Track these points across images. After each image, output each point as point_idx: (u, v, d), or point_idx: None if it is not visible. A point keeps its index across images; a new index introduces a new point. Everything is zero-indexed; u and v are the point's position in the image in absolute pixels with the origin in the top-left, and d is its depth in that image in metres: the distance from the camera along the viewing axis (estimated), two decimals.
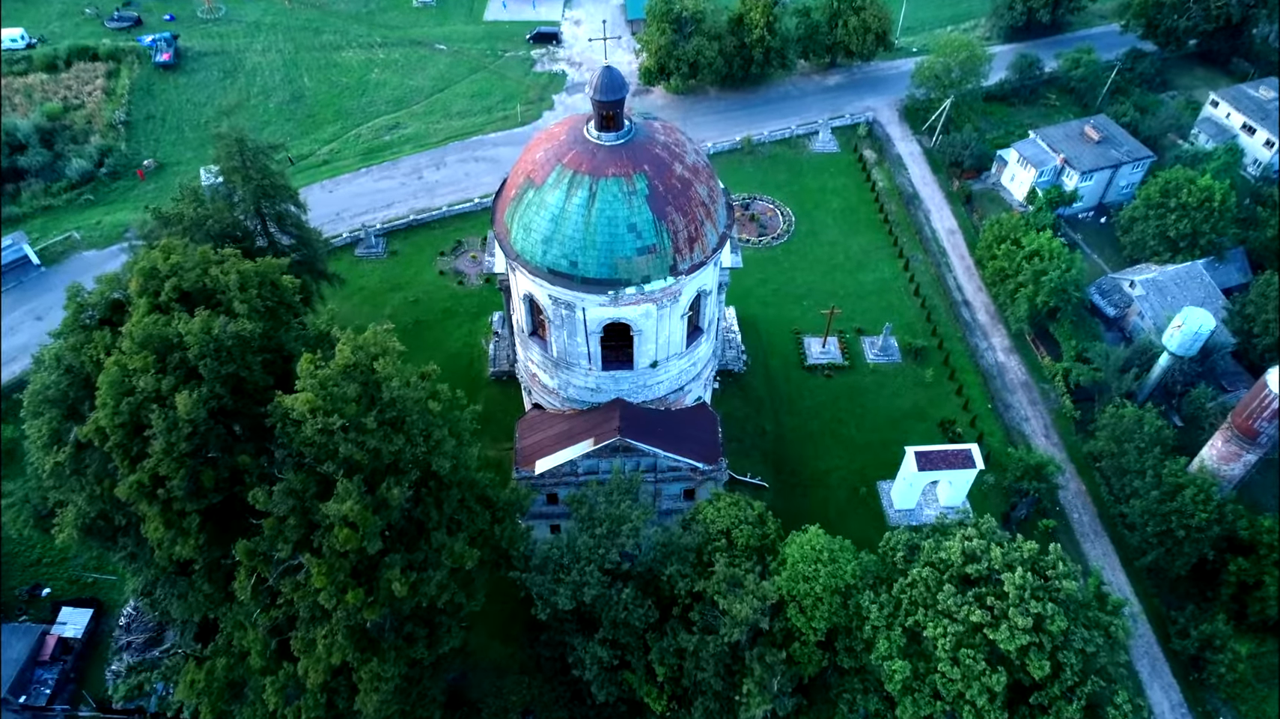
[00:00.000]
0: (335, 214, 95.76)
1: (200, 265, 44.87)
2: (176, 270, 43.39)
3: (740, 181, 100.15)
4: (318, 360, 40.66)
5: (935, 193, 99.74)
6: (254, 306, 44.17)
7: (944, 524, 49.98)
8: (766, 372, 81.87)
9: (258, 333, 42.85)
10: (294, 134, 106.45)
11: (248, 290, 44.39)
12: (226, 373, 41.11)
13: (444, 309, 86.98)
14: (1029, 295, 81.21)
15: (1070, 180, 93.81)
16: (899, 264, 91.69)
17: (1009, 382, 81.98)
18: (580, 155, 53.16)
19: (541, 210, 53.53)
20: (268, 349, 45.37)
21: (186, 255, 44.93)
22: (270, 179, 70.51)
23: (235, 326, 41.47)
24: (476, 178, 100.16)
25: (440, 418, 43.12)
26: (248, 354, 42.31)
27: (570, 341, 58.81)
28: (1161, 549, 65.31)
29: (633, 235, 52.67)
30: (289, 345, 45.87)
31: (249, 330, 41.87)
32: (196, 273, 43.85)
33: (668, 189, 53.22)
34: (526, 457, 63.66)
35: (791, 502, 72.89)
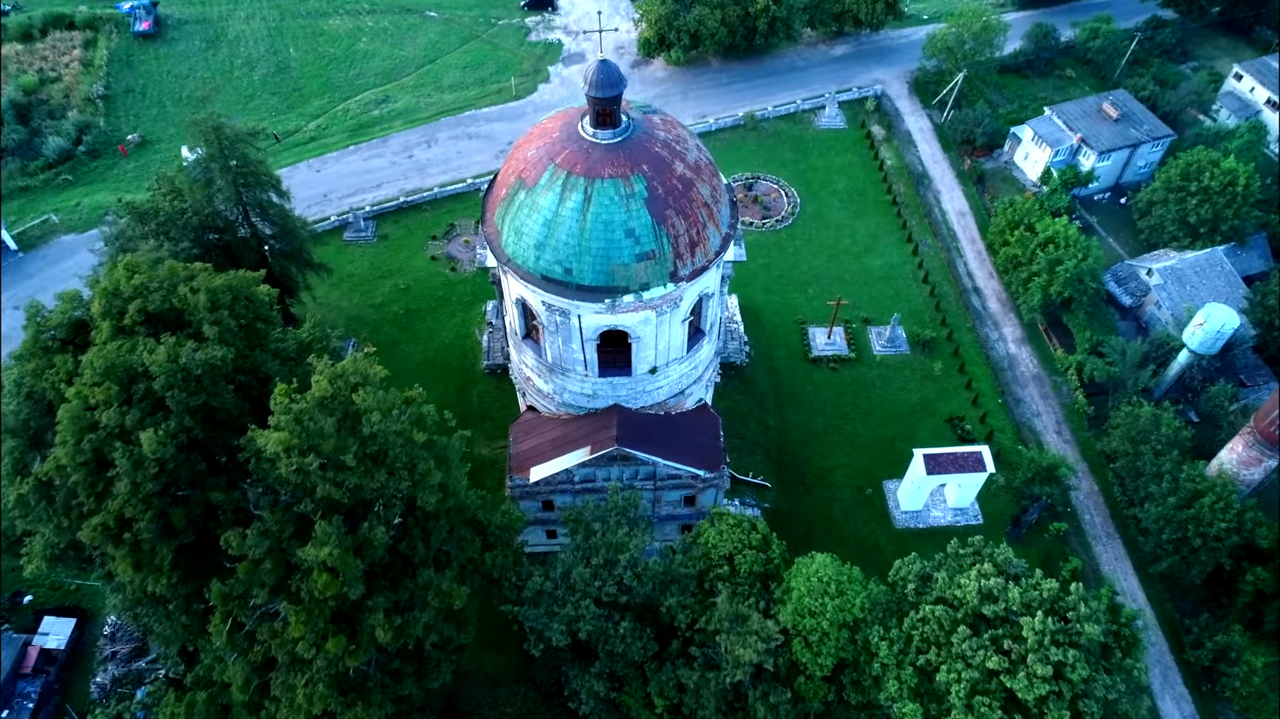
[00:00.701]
0: (323, 195, 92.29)
1: (167, 285, 41.90)
2: (141, 292, 40.44)
3: (743, 160, 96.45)
4: (293, 392, 37.95)
5: (945, 172, 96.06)
6: (225, 328, 41.36)
7: (958, 555, 47.63)
8: (770, 364, 79.19)
9: (229, 358, 40.12)
10: (279, 108, 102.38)
11: (219, 310, 41.51)
12: (196, 404, 38.47)
13: (436, 297, 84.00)
14: (1042, 285, 78.22)
15: (1087, 160, 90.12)
16: (907, 249, 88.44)
17: (1020, 374, 79.33)
18: (574, 154, 49.86)
19: (534, 214, 50.40)
20: (243, 370, 42.67)
21: (152, 274, 41.91)
22: (250, 167, 67.15)
23: (204, 354, 38.72)
24: (469, 156, 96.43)
25: (425, 449, 40.48)
26: (219, 382, 39.59)
27: (565, 348, 56.09)
28: (1177, 557, 63.29)
29: (630, 241, 49.62)
30: (265, 366, 43.12)
31: (219, 357, 39.11)
32: (162, 294, 40.91)
33: (668, 190, 50.02)
34: (521, 463, 61.30)
35: (795, 502, 70.84)
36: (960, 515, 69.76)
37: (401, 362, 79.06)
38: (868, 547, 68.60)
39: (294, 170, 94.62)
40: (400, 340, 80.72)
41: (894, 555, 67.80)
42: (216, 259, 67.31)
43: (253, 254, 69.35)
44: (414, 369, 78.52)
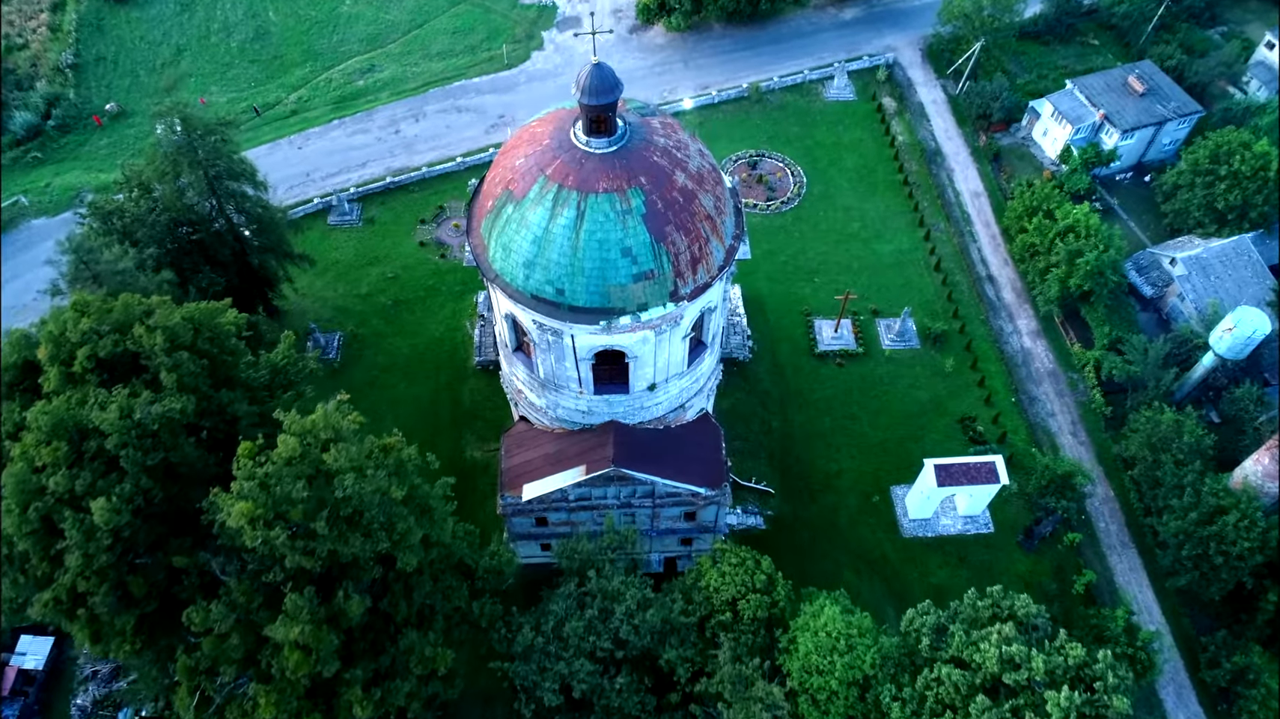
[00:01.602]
0: (305, 175, 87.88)
1: (120, 325, 38.31)
2: (90, 337, 36.92)
3: (747, 135, 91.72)
4: (258, 451, 34.73)
5: (960, 148, 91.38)
6: (185, 371, 37.94)
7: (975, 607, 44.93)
8: (774, 359, 75.88)
9: (190, 407, 36.82)
10: (258, 78, 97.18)
11: (178, 351, 38.03)
12: (154, 462, 35.33)
13: (425, 286, 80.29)
14: (1061, 277, 74.44)
15: (1110, 138, 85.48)
16: (919, 233, 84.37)
17: (1035, 370, 76.04)
18: (566, 165, 45.84)
19: (522, 230, 46.58)
20: (208, 413, 39.42)
21: (104, 314, 38.25)
22: (223, 159, 62.95)
23: (161, 407, 35.45)
24: (459, 131, 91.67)
25: (406, 503, 37.46)
26: (179, 435, 36.38)
27: (558, 365, 52.75)
28: (1196, 573, 60.86)
29: (627, 260, 45.90)
30: (233, 407, 39.84)
31: (178, 409, 35.81)
32: (114, 339, 37.38)
33: (668, 204, 46.12)
34: (513, 478, 58.36)
35: (799, 508, 68.27)
36: (971, 524, 67.24)
37: (389, 356, 75.93)
38: (874, 556, 66.25)
39: (274, 147, 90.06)
40: (387, 333, 77.32)
41: (901, 565, 66.21)
42: (190, 258, 63.80)
43: (228, 250, 65.65)
44: (402, 364, 75.41)
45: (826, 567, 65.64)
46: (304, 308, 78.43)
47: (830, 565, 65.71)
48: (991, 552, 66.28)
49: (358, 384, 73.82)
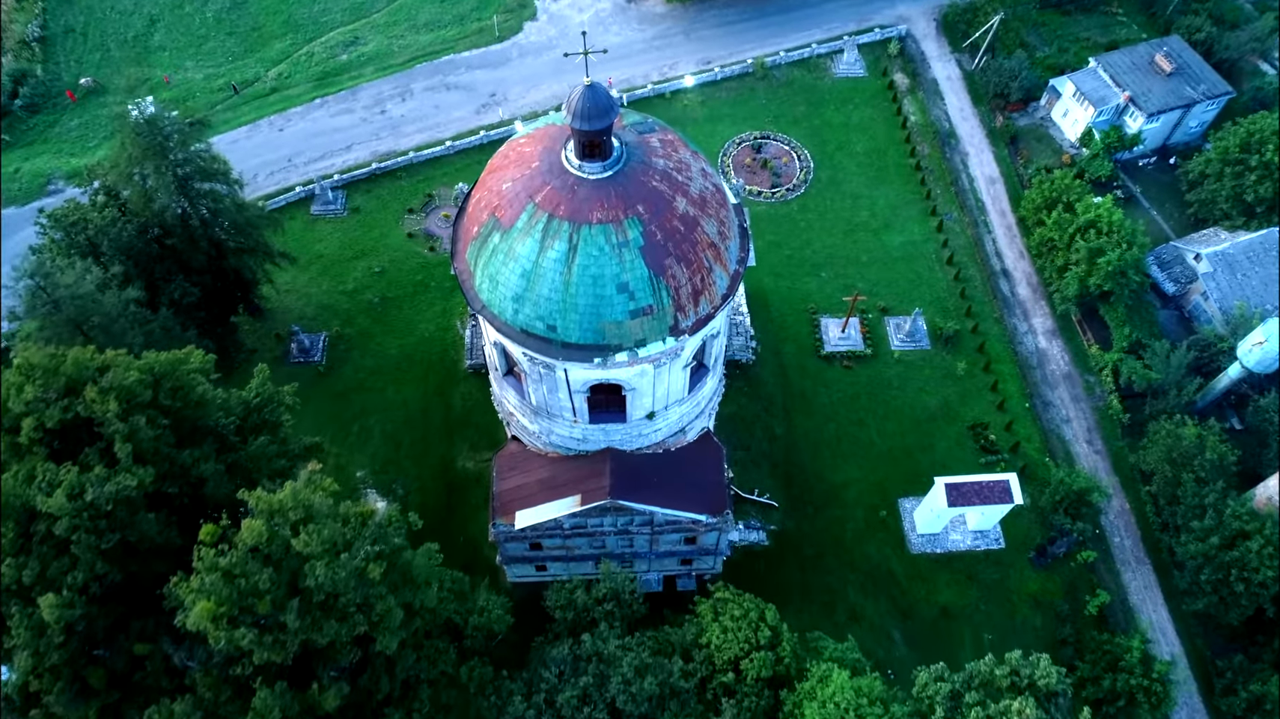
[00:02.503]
0: (286, 160, 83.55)
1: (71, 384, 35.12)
2: (35, 407, 33.76)
3: (751, 115, 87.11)
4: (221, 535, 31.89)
5: (975, 130, 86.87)
6: (143, 438, 34.87)
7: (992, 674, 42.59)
8: (778, 361, 72.77)
9: (149, 479, 33.88)
10: (236, 52, 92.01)
11: (134, 418, 34.88)
12: (110, 544, 32.54)
13: (414, 282, 76.69)
14: (1080, 275, 70.93)
15: (1134, 122, 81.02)
16: (931, 223, 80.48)
17: (1050, 373, 72.98)
18: (557, 193, 42.16)
19: (510, 262, 43.10)
20: (170, 475, 36.51)
21: (51, 378, 34.94)
22: (195, 163, 59.02)
23: (115, 485, 32.52)
24: (448, 111, 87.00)
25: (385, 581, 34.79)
26: (137, 512, 33.54)
27: (551, 395, 49.71)
28: (1214, 597, 58.74)
29: (624, 296, 42.55)
30: (198, 468, 36.91)
31: (133, 486, 32.87)
32: (62, 407, 34.20)
33: (668, 235, 42.57)
34: (505, 503, 55.71)
35: (803, 522, 65.91)
36: (981, 539, 64.94)
37: (377, 358, 72.78)
38: (880, 573, 64.10)
39: (254, 129, 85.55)
40: (375, 333, 74.02)
41: (908, 582, 64.08)
42: (161, 265, 60.34)
43: (202, 255, 61.98)
44: (391, 367, 72.35)
45: (831, 583, 63.62)
46: (288, 305, 74.98)
47: (835, 583, 63.64)
48: (1002, 569, 64.12)
49: (344, 388, 71.07)
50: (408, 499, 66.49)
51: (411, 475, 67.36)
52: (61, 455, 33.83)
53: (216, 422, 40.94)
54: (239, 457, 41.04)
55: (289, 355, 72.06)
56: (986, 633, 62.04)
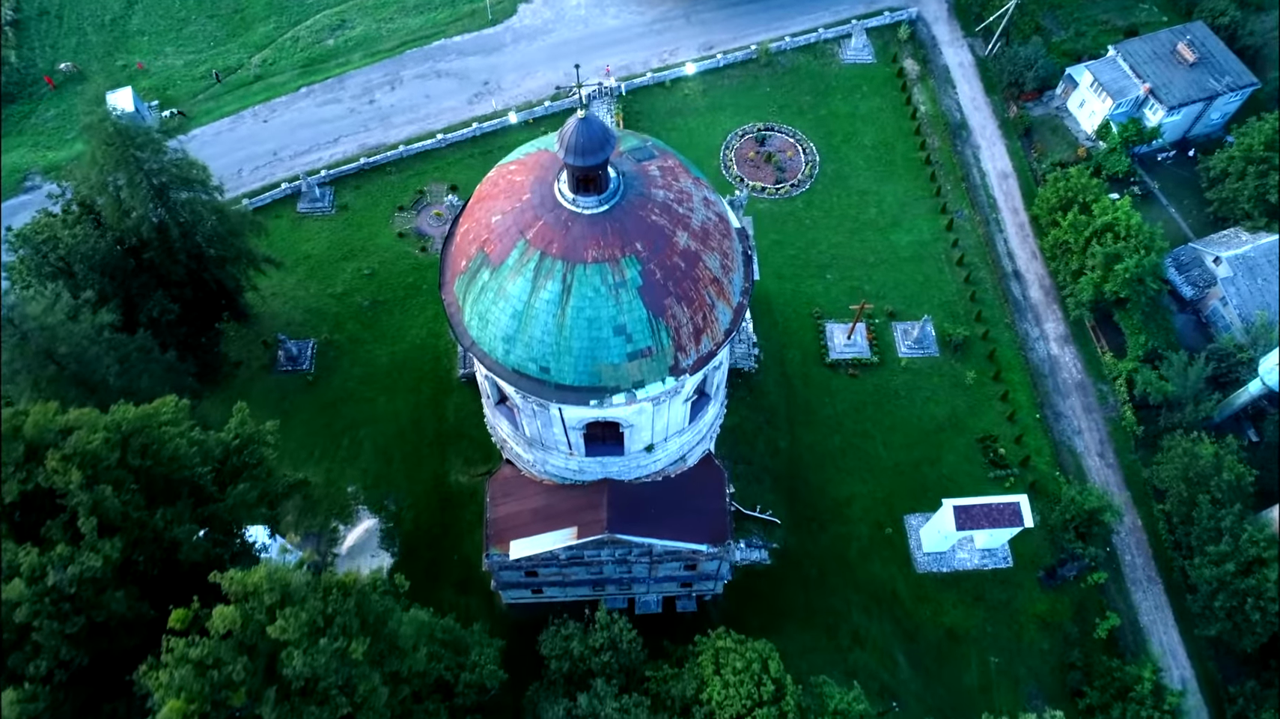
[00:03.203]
0: (272, 154, 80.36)
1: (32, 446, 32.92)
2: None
3: (755, 105, 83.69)
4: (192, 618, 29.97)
5: (988, 120, 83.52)
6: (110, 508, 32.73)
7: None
8: (782, 369, 70.51)
9: (116, 553, 31.85)
10: (218, 36, 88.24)
11: (99, 488, 32.70)
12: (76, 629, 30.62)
13: (405, 285, 74.10)
14: (1095, 281, 68.36)
15: (1154, 115, 77.66)
16: (940, 221, 77.56)
17: (1061, 382, 70.73)
18: (550, 228, 39.54)
19: (500, 301, 40.63)
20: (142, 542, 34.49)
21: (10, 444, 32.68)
22: (171, 170, 56.15)
23: (78, 567, 30.47)
24: (439, 100, 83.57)
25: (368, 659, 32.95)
26: (105, 591, 31.57)
27: (545, 430, 47.58)
28: (1228, 624, 57.20)
29: (621, 339, 40.16)
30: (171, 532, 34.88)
31: (98, 567, 30.84)
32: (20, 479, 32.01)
33: (668, 273, 40.04)
34: (499, 531, 53.85)
35: (807, 540, 64.24)
36: (989, 558, 63.29)
37: (367, 366, 70.53)
38: (885, 593, 62.59)
39: (238, 121, 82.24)
40: (365, 339, 71.63)
41: (914, 603, 62.57)
42: (138, 280, 57.81)
43: (181, 268, 59.33)
44: (381, 375, 70.12)
45: (835, 604, 62.12)
46: (275, 310, 72.51)
47: (838, 604, 62.13)
48: (1009, 589, 62.57)
49: (334, 398, 68.98)
50: (400, 515, 64.91)
51: (404, 491, 65.53)
52: (21, 529, 31.80)
53: (193, 472, 38.80)
54: (218, 508, 39.02)
55: (276, 364, 69.79)
56: (993, 655, 60.71)
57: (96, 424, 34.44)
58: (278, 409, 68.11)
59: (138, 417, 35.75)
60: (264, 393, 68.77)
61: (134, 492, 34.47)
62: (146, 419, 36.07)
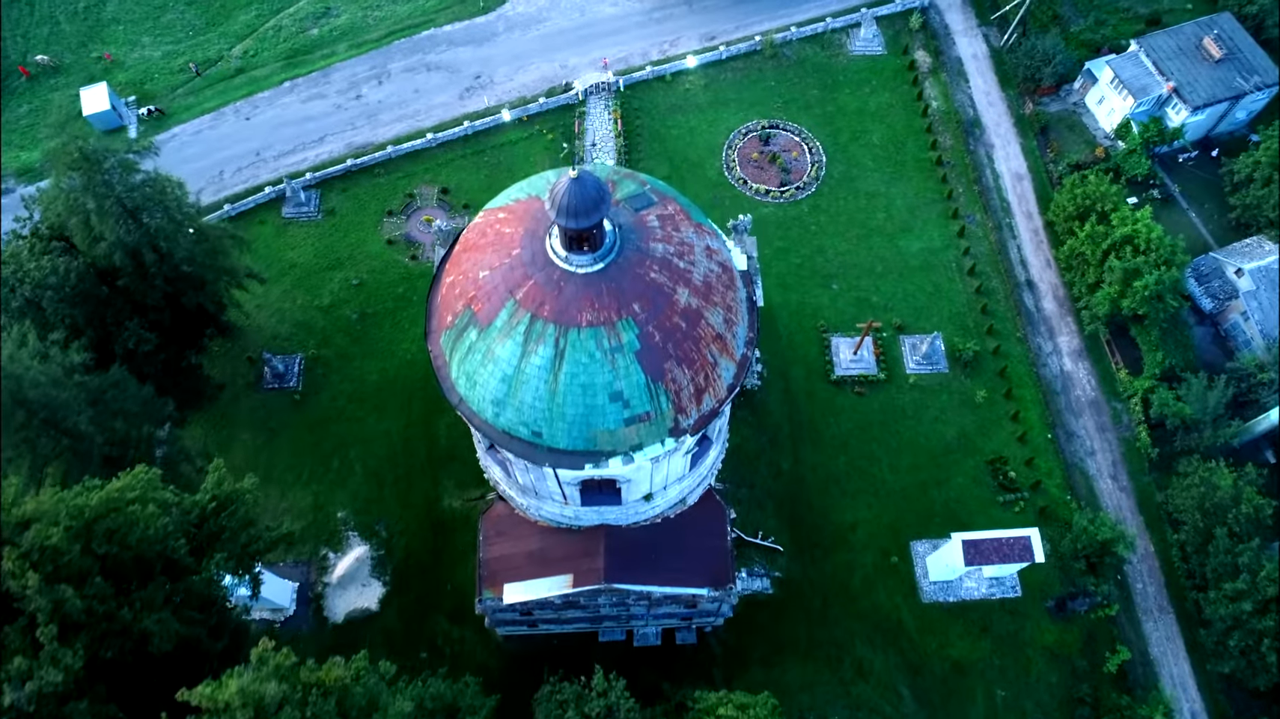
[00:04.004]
0: (255, 154, 76.99)
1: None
2: None
3: (759, 100, 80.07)
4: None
5: (1002, 117, 79.98)
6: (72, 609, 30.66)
7: None
8: (785, 386, 68.18)
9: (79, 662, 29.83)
10: (196, 25, 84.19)
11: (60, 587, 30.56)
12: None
13: (395, 296, 71.36)
14: (1112, 295, 65.71)
15: (1177, 115, 74.18)
16: (951, 227, 74.53)
17: (1074, 400, 68.42)
18: (540, 289, 36.89)
19: (489, 363, 38.14)
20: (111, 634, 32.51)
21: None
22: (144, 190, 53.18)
23: (37, 682, 28.50)
24: (429, 96, 79.93)
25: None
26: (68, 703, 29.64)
27: (540, 482, 45.43)
28: (1243, 661, 55.75)
29: (617, 405, 37.75)
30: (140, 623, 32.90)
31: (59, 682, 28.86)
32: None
33: (668, 334, 37.48)
34: (492, 572, 52.03)
35: (809, 568, 62.58)
36: (997, 587, 61.65)
37: (356, 383, 68.21)
38: (890, 624, 61.07)
39: (219, 118, 78.70)
40: (354, 355, 69.14)
41: (919, 634, 61.08)
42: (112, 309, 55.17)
43: (158, 293, 56.52)
44: (371, 393, 67.83)
45: (838, 636, 60.66)
46: (260, 323, 69.91)
47: (841, 635, 60.67)
48: (1017, 619, 61.03)
49: (322, 417, 66.81)
50: (391, 542, 63.16)
51: (395, 516, 63.72)
52: None
53: (165, 545, 36.70)
54: (194, 582, 37.02)
55: (262, 381, 67.45)
56: (1000, 689, 59.38)
57: (57, 515, 32.15)
58: (264, 428, 66.30)
59: (102, 502, 33.47)
60: (250, 412, 66.63)
61: (100, 583, 32.43)
62: (112, 502, 33.83)
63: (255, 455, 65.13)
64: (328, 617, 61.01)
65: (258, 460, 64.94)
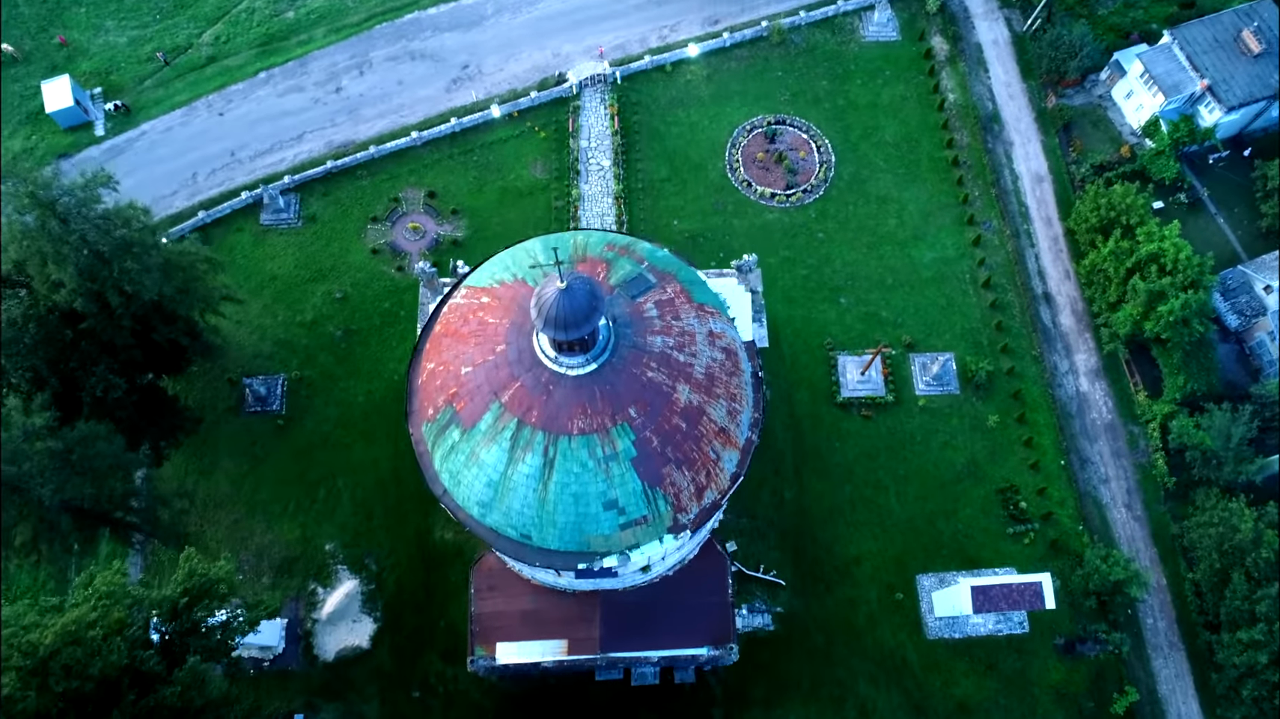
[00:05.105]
0: (230, 154, 72.58)
1: None
2: None
3: (765, 93, 75.24)
4: None
5: (1022, 111, 75.31)
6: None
7: None
8: (790, 411, 65.48)
9: None
10: (164, 8, 78.51)
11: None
12: None
13: (381, 311, 68.00)
14: (1134, 316, 62.53)
15: (1210, 114, 69.68)
16: (967, 235, 70.70)
17: (1090, 423, 65.79)
18: (528, 393, 33.94)
19: (473, 466, 35.45)
20: None
21: None
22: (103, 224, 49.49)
23: None
24: (413, 89, 75.05)
25: None
26: None
27: None
28: (1254, 709, 54.47)
29: (612, 512, 35.23)
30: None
31: None
32: None
33: (667, 437, 34.69)
34: (484, 628, 50.43)
35: (812, 604, 60.90)
36: (1004, 623, 60.07)
37: (342, 406, 65.47)
38: (894, 662, 59.65)
39: (190, 113, 73.98)
40: (339, 375, 66.18)
41: (924, 673, 59.81)
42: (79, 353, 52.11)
43: (125, 334, 53.25)
44: (359, 417, 65.14)
45: (841, 675, 59.31)
46: (240, 340, 66.72)
47: (844, 673, 59.33)
48: (1024, 657, 59.60)
49: (308, 443, 64.25)
50: (382, 577, 61.34)
51: (385, 549, 61.71)
52: None
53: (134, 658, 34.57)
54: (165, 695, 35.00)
55: (244, 404, 64.69)
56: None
57: (9, 658, 29.89)
58: (248, 455, 63.88)
59: (59, 636, 31.14)
60: (232, 438, 64.08)
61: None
62: (69, 635, 31.51)
63: (239, 484, 62.91)
64: (318, 654, 59.48)
65: (241, 489, 62.83)
